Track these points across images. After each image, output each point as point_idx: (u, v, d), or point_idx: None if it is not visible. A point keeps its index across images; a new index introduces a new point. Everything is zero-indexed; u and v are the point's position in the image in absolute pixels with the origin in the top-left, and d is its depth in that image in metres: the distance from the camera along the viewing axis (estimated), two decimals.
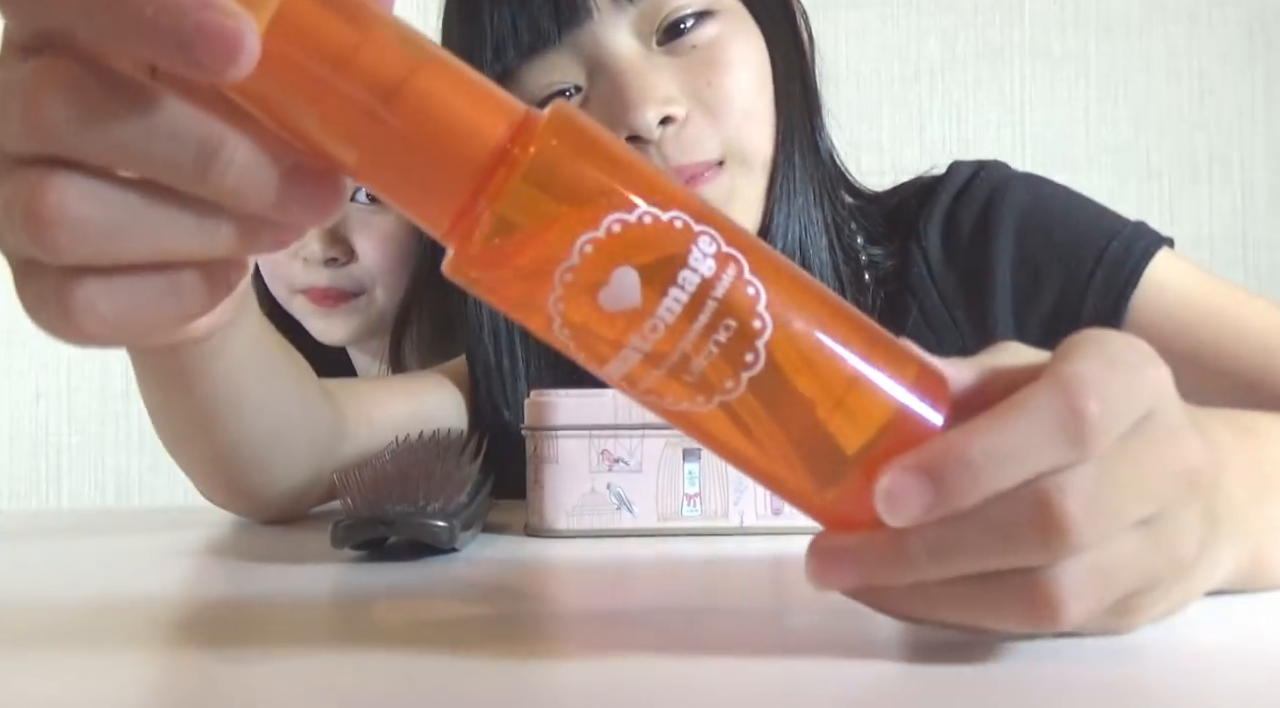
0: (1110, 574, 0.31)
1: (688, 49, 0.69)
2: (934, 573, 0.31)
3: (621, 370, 0.31)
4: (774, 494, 0.34)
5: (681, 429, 0.33)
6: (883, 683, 0.32)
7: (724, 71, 0.69)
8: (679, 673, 0.32)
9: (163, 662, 0.35)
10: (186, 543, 0.61)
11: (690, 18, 0.69)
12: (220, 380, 0.54)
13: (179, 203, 0.29)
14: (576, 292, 0.29)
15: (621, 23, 0.68)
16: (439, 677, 0.32)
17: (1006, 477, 0.30)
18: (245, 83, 0.28)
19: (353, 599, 0.45)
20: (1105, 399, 0.30)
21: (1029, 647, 0.33)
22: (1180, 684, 0.31)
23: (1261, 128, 1.28)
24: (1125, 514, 0.31)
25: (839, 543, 0.32)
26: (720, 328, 0.30)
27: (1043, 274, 0.73)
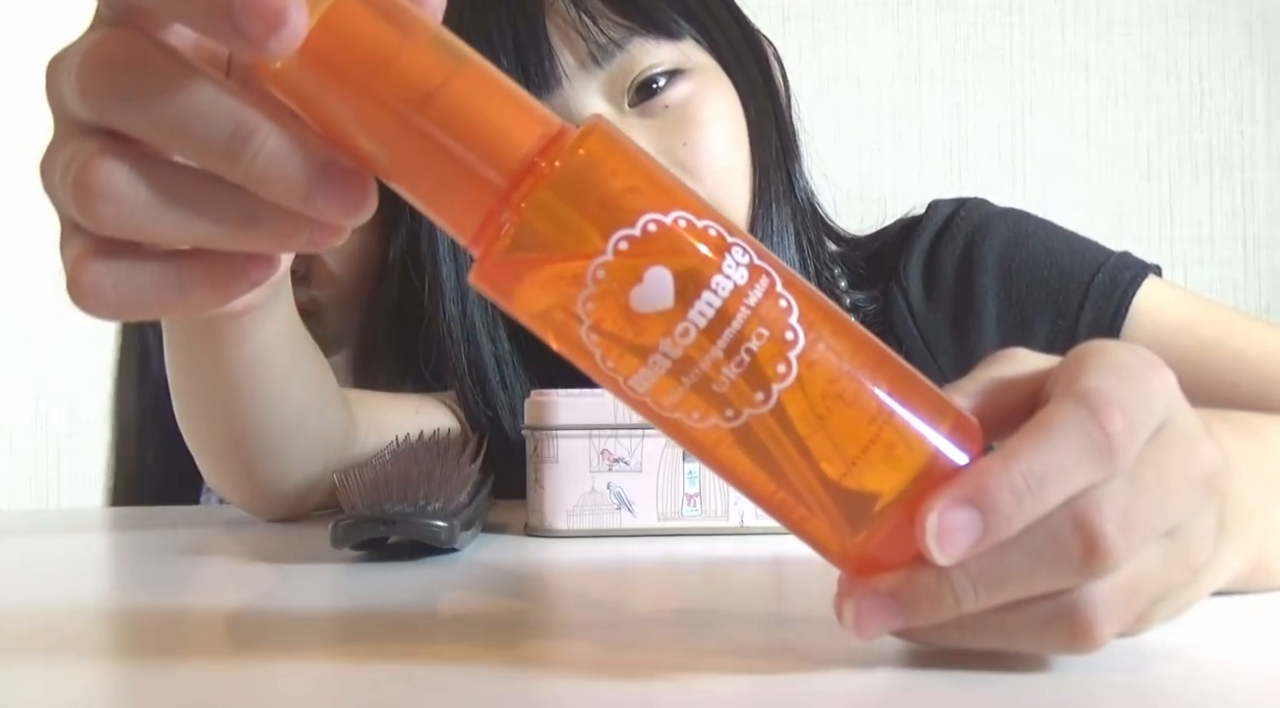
0: (1137, 589, 0.31)
1: (660, 109, 0.69)
2: (978, 605, 0.30)
3: (649, 382, 0.30)
4: (799, 536, 0.32)
5: (706, 460, 0.32)
6: (884, 685, 0.32)
7: (698, 130, 0.69)
8: (679, 674, 0.32)
9: (162, 661, 0.35)
10: (186, 543, 0.61)
11: (661, 77, 0.69)
12: (247, 360, 0.54)
13: (221, 193, 0.30)
14: (608, 290, 0.29)
15: (591, 87, 0.69)
16: (439, 677, 0.32)
17: (1048, 499, 0.30)
18: (287, 76, 0.29)
19: (353, 599, 0.45)
20: (1127, 413, 0.30)
21: (1018, 657, 0.33)
22: (1191, 687, 0.31)
23: (1261, 128, 1.28)
24: (1155, 528, 0.31)
25: (878, 587, 0.31)
26: (753, 336, 0.29)
27: (1030, 312, 0.73)
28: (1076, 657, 0.32)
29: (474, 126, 0.29)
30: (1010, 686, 0.31)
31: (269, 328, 0.53)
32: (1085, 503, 0.30)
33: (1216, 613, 0.37)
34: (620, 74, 0.69)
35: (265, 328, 0.53)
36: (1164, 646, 0.34)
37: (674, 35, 0.70)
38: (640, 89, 0.69)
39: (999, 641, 0.32)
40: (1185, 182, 1.32)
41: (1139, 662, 0.33)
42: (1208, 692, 0.31)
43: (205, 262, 0.31)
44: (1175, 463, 0.31)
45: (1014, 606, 0.31)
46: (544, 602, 0.46)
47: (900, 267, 0.77)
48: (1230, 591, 0.38)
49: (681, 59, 0.70)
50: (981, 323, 0.74)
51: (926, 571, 0.30)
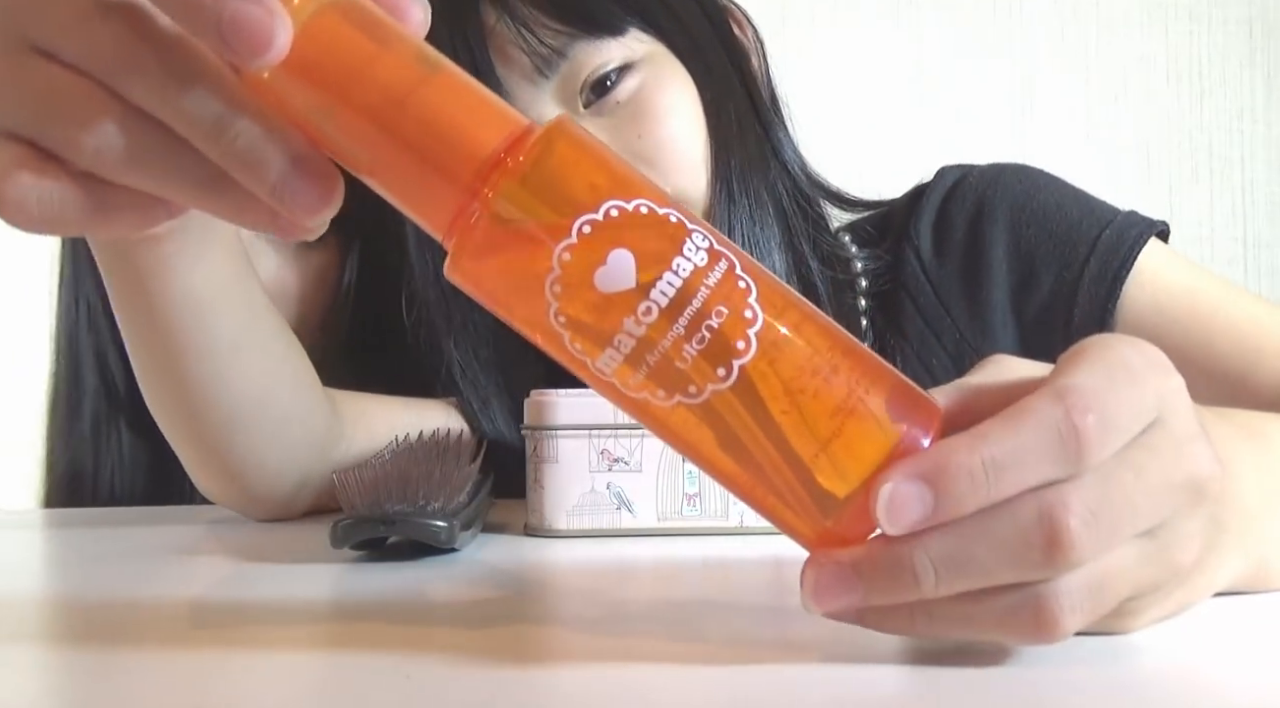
0: (1107, 585, 0.31)
1: (613, 106, 0.70)
2: (938, 590, 0.31)
3: (615, 362, 0.31)
4: (769, 520, 0.33)
5: (674, 442, 0.32)
6: (883, 684, 0.32)
7: (652, 121, 0.70)
8: (679, 673, 0.32)
9: (162, 661, 0.35)
10: (186, 542, 0.61)
11: (611, 74, 0.69)
12: (179, 302, 0.53)
13: (197, 157, 0.32)
14: (574, 272, 0.30)
15: (542, 95, 0.69)
16: (439, 677, 0.32)
17: (1005, 486, 0.30)
18: (273, 78, 0.31)
19: (353, 599, 0.45)
20: (1104, 412, 0.30)
21: (1031, 648, 0.33)
22: (1179, 684, 0.31)
23: (1261, 128, 1.28)
24: (1126, 528, 0.31)
25: (839, 558, 0.31)
26: (713, 314, 0.30)
27: (1037, 263, 0.73)
28: (1076, 658, 0.32)
29: (445, 128, 0.31)
30: (1010, 685, 0.31)
31: (202, 271, 0.52)
32: (1053, 496, 0.30)
33: (1215, 613, 0.37)
34: (570, 79, 0.70)
35: (197, 270, 0.52)
36: (1155, 642, 0.34)
37: (616, 31, 0.70)
38: (593, 88, 0.70)
39: (964, 630, 0.32)
40: (1185, 182, 1.32)
41: (1138, 660, 0.33)
42: (1204, 690, 0.31)
43: (129, 192, 0.33)
44: (1157, 464, 0.31)
45: (979, 595, 0.31)
46: (544, 602, 0.46)
47: (910, 227, 0.77)
48: (1233, 592, 0.38)
49: (628, 53, 0.70)
50: (991, 274, 0.74)
51: (888, 547, 0.31)
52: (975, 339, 0.75)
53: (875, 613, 0.32)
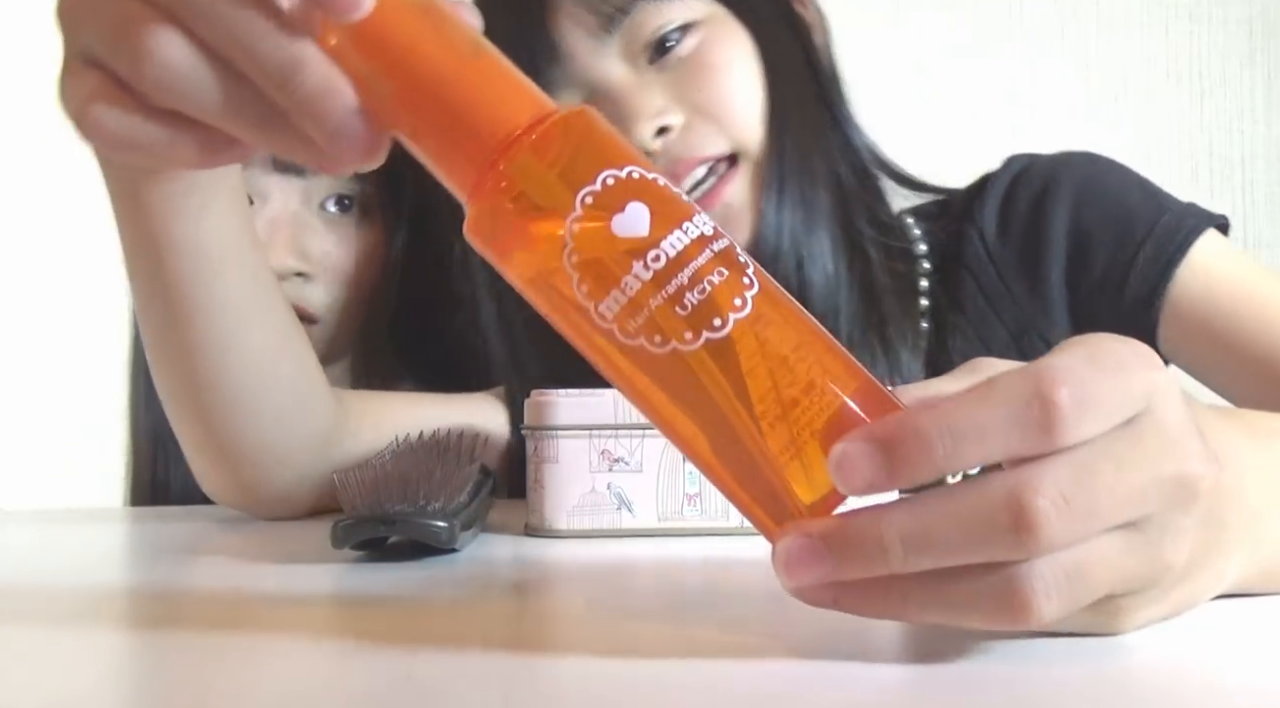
0: (1086, 575, 0.30)
1: (675, 62, 0.72)
2: (906, 564, 0.30)
3: (617, 306, 0.33)
4: (741, 499, 0.33)
5: (661, 393, 0.34)
6: (883, 684, 0.32)
7: (710, 74, 0.72)
8: (679, 673, 0.32)
9: (162, 661, 0.35)
10: (186, 542, 0.61)
11: (674, 33, 0.72)
12: (192, 256, 0.54)
13: (257, 94, 0.34)
14: (594, 213, 0.33)
15: (607, 52, 0.72)
16: (439, 677, 0.32)
17: (965, 455, 0.30)
18: (340, 40, 0.34)
19: (353, 599, 0.45)
20: (1081, 391, 0.30)
21: (1030, 649, 0.33)
22: (1176, 685, 0.31)
23: (1261, 128, 1.28)
24: (1103, 516, 0.30)
25: (809, 530, 0.31)
26: (714, 272, 0.33)
27: (1094, 243, 0.74)
28: (1071, 658, 0.32)
29: (479, 104, 0.34)
30: (1009, 683, 0.31)
31: (208, 222, 0.53)
32: (1023, 475, 0.30)
33: (1215, 614, 0.37)
34: (632, 36, 0.72)
35: (204, 219, 0.53)
36: (1146, 643, 0.34)
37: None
38: (655, 47, 0.72)
39: (941, 613, 0.31)
40: (1185, 181, 1.32)
41: (1129, 661, 0.33)
42: (1197, 693, 0.31)
43: (201, 128, 0.36)
44: (1140, 456, 0.31)
45: (952, 575, 0.31)
46: (544, 602, 0.46)
47: (976, 209, 0.79)
48: (1239, 594, 0.38)
49: (688, 14, 0.72)
50: (1050, 252, 0.76)
51: (854, 518, 0.31)
52: (1036, 318, 0.76)
53: (851, 595, 0.32)
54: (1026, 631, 0.32)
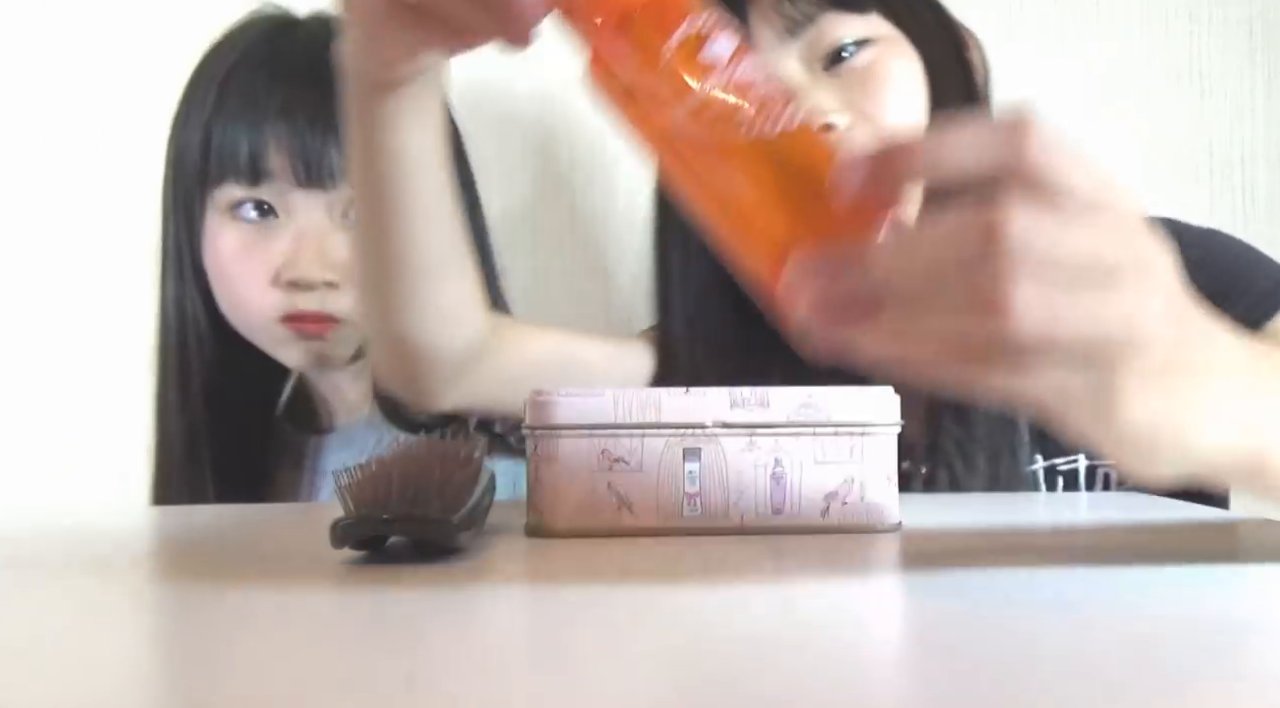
0: (1057, 281, 0.34)
1: (847, 71, 0.79)
2: (895, 278, 0.35)
3: (700, 97, 0.43)
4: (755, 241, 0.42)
5: (711, 162, 0.43)
6: (883, 684, 0.32)
7: (877, 83, 0.79)
8: (679, 673, 0.32)
9: (162, 661, 0.35)
10: (186, 542, 0.61)
11: (851, 46, 0.79)
12: (400, 159, 0.63)
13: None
14: (691, 40, 0.43)
15: (787, 52, 0.79)
16: (439, 677, 0.32)
17: (942, 160, 0.35)
18: None
19: (353, 599, 0.45)
20: (1061, 144, 0.35)
21: (1026, 650, 0.33)
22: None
23: (1261, 128, 1.28)
24: (1069, 244, 0.34)
25: (815, 252, 0.37)
26: (780, 94, 0.43)
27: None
28: (1072, 660, 0.32)
29: None
30: (1008, 682, 0.31)
31: (418, 132, 0.63)
32: (996, 199, 0.34)
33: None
34: (814, 43, 0.79)
35: (415, 130, 0.63)
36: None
37: (861, 9, 0.80)
38: (832, 57, 0.79)
39: (930, 347, 0.36)
40: (1185, 182, 1.31)
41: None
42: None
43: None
44: (1109, 223, 0.35)
45: (938, 304, 0.35)
46: (544, 602, 0.46)
47: None
48: (1234, 486, 0.38)
49: (868, 30, 0.79)
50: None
51: (843, 246, 0.37)
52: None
53: (853, 337, 0.36)
54: (1018, 353, 0.35)
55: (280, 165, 0.86)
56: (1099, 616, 0.39)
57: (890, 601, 0.45)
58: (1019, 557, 0.53)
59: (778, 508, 0.58)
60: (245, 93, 0.86)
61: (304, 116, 0.85)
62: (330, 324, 0.89)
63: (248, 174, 0.86)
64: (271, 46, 0.89)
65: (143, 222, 0.99)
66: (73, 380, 1.23)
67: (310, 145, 0.85)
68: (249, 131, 0.85)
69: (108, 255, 1.21)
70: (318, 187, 0.87)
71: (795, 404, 0.59)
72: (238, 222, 0.88)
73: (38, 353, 1.22)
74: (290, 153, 0.85)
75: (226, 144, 0.86)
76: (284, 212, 0.88)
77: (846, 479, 0.59)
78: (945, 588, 0.45)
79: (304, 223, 0.88)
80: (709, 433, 0.59)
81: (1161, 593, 0.44)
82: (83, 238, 1.21)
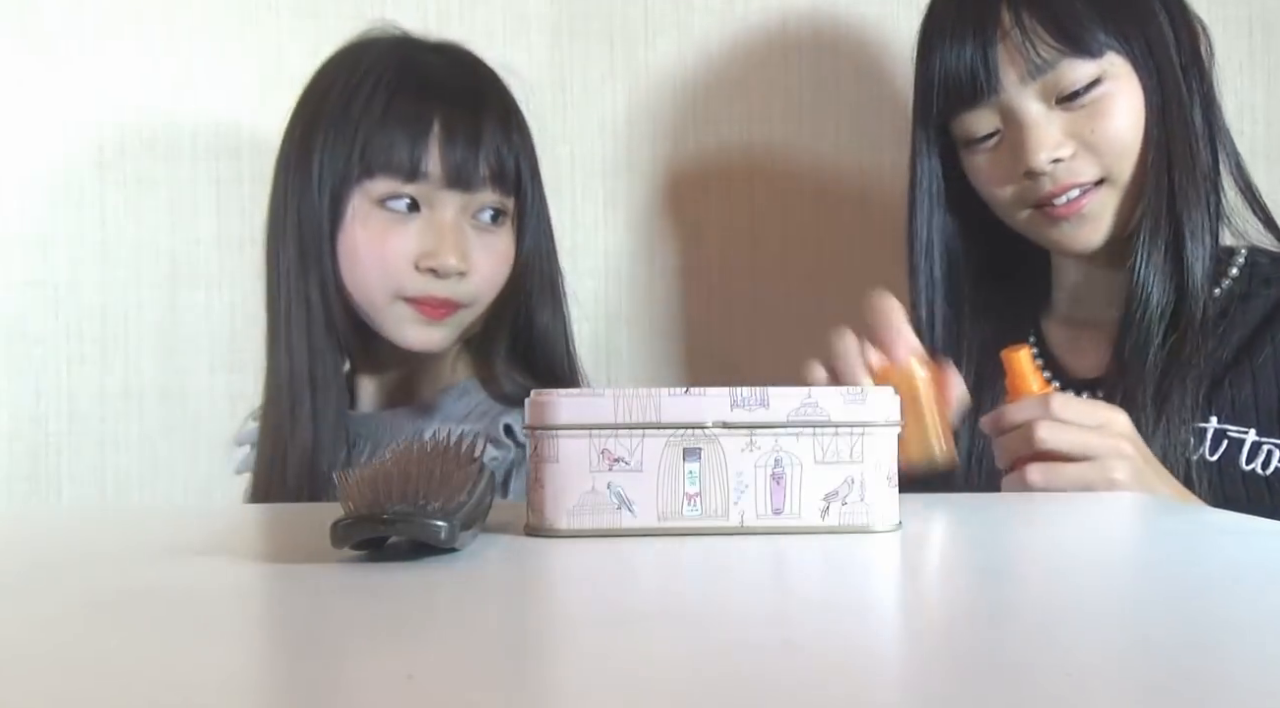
0: (1062, 439, 0.77)
1: (1077, 106, 0.92)
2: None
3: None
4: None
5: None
6: (883, 683, 0.32)
7: (1103, 120, 0.92)
8: (679, 673, 0.32)
9: (161, 661, 0.35)
10: (185, 542, 0.61)
11: (1084, 87, 0.91)
12: None
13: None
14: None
15: (1028, 91, 0.92)
16: (439, 677, 0.32)
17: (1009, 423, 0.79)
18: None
19: (353, 599, 0.45)
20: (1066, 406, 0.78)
21: (1026, 650, 0.33)
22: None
23: (1261, 128, 1.28)
24: (1074, 428, 0.77)
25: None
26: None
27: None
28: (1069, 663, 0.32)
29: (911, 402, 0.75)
30: (1008, 682, 0.31)
31: None
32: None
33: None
34: (1050, 84, 0.92)
35: None
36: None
37: (1096, 54, 0.91)
38: (1067, 96, 0.92)
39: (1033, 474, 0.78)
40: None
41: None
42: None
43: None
44: (1089, 420, 0.79)
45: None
46: (544, 602, 0.46)
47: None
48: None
49: (1100, 70, 0.91)
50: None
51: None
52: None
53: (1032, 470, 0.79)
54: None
55: (434, 169, 0.98)
56: (1099, 615, 0.39)
57: (890, 601, 0.45)
58: (1019, 557, 0.53)
59: (778, 508, 0.58)
60: (405, 106, 0.98)
61: (462, 132, 0.98)
62: (453, 309, 1.01)
63: (406, 172, 0.97)
64: (418, 65, 1.01)
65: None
66: (51, 374, 1.23)
67: (464, 156, 0.98)
68: (410, 138, 0.97)
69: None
70: (461, 187, 0.98)
71: (795, 404, 0.59)
72: (385, 211, 0.99)
73: (29, 350, 1.22)
74: (444, 159, 0.98)
75: (386, 146, 0.97)
76: (427, 205, 0.99)
77: (846, 479, 0.59)
78: (945, 589, 0.45)
79: (445, 217, 0.99)
80: (709, 433, 0.59)
81: (1161, 593, 0.44)
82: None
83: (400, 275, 0.99)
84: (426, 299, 0.99)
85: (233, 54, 1.24)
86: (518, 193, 1.02)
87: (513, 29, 1.25)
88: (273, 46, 1.23)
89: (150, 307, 1.24)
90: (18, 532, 0.69)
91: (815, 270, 1.27)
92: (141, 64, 1.23)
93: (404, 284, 0.99)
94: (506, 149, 1.00)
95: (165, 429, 1.24)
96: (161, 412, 1.24)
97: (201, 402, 1.24)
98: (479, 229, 1.01)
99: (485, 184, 0.99)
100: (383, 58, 1.01)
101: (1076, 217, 0.94)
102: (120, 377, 1.24)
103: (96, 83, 1.23)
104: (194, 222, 1.24)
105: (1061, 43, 0.90)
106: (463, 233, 1.00)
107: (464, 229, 1.00)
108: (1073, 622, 0.38)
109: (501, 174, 0.99)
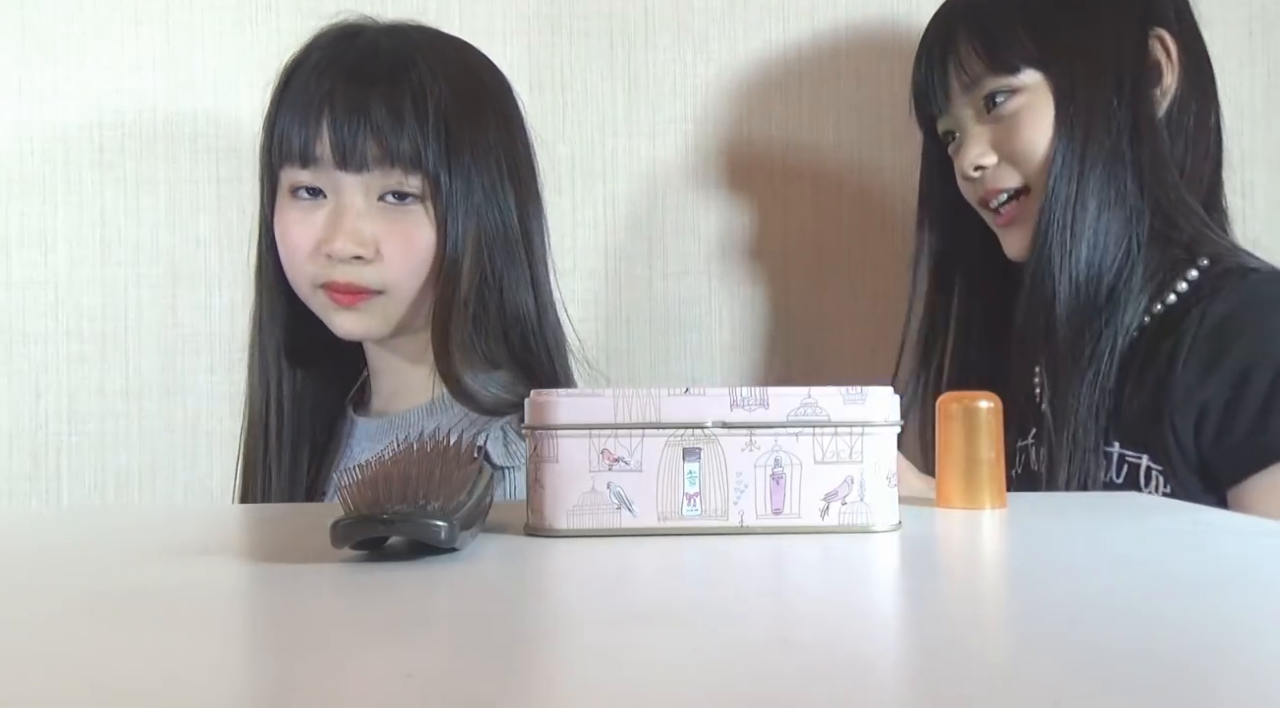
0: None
1: (997, 117, 1.01)
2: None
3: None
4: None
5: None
6: (882, 683, 0.32)
7: (1017, 131, 1.00)
8: (679, 673, 0.32)
9: (161, 661, 0.35)
10: (185, 543, 0.61)
11: (1001, 94, 1.00)
12: None
13: None
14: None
15: (964, 103, 1.04)
16: (440, 677, 0.32)
17: None
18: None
19: (353, 599, 0.45)
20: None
21: (1026, 651, 0.33)
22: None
23: (1261, 128, 1.28)
24: None
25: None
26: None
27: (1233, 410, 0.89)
28: (1066, 662, 0.32)
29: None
30: (1008, 682, 0.31)
31: None
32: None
33: None
34: (977, 95, 1.02)
35: None
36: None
37: (1013, 72, 1.00)
38: (988, 102, 1.01)
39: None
40: None
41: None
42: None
43: None
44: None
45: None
46: (544, 602, 0.46)
47: (1212, 300, 0.93)
48: None
49: (1014, 82, 1.00)
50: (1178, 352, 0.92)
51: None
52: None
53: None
54: None
55: (324, 152, 0.95)
56: (1099, 615, 0.39)
57: (890, 601, 0.45)
58: (1018, 557, 0.53)
59: (777, 508, 0.58)
60: (300, 89, 0.97)
61: (345, 111, 0.94)
62: (363, 294, 0.98)
63: (300, 159, 0.96)
64: (333, 49, 0.98)
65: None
66: (50, 374, 1.23)
67: (349, 135, 0.94)
68: (300, 123, 0.96)
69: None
70: (355, 170, 0.95)
71: (795, 404, 0.59)
72: (297, 201, 0.99)
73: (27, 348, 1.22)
74: (332, 139, 0.95)
75: (286, 134, 0.97)
76: (329, 191, 0.97)
77: (846, 479, 0.59)
78: (945, 589, 0.46)
79: (343, 201, 0.97)
80: (709, 433, 0.59)
81: (1162, 593, 0.44)
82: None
83: (309, 264, 0.98)
84: (332, 285, 0.98)
85: (232, 54, 1.24)
86: (428, 173, 0.95)
87: (513, 28, 1.25)
88: (273, 46, 1.23)
89: (150, 306, 1.24)
90: (18, 532, 0.69)
91: (815, 270, 1.27)
92: (141, 64, 1.24)
93: (315, 272, 0.98)
94: (400, 127, 0.93)
95: (165, 429, 1.24)
96: (161, 412, 1.24)
97: (201, 402, 1.24)
98: (388, 212, 0.97)
99: (379, 164, 0.94)
100: (318, 44, 0.99)
101: (1009, 225, 1.03)
102: (120, 376, 1.24)
103: (96, 83, 1.23)
104: (194, 221, 1.24)
105: (986, 60, 1.01)
106: (368, 217, 0.96)
107: (371, 214, 0.97)
108: (1072, 622, 0.38)
109: (397, 153, 0.94)
